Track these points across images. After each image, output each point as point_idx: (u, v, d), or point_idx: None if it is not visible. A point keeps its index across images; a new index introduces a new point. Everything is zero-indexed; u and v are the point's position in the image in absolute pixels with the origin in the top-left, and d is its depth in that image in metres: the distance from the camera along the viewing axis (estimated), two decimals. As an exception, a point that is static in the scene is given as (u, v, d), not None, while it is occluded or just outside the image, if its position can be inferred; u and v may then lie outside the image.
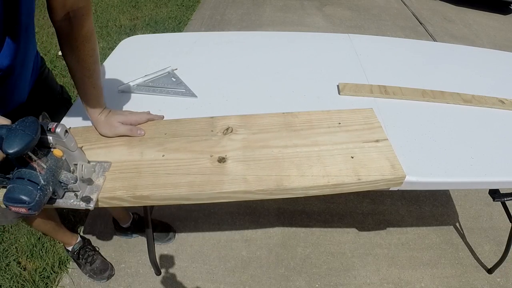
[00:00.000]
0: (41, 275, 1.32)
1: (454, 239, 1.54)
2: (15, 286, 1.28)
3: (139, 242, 1.46)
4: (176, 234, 1.50)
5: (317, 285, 1.35)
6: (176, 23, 3.32)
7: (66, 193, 0.67)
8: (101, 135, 0.83)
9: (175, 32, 3.17)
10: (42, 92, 0.91)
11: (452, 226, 1.59)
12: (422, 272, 1.41)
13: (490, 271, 1.40)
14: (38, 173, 0.59)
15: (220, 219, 1.57)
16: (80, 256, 1.33)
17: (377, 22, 3.61)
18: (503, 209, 1.29)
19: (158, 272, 1.34)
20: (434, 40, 3.27)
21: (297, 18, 3.59)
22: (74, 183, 0.65)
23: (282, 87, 1.04)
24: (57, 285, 1.31)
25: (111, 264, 1.36)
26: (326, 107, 0.92)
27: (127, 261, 1.40)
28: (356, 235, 1.54)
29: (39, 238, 1.44)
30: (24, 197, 0.57)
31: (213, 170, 0.74)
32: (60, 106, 0.98)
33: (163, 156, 0.77)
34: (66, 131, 0.62)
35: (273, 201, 1.64)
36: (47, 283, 1.30)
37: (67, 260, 1.38)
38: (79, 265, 1.35)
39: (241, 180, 0.72)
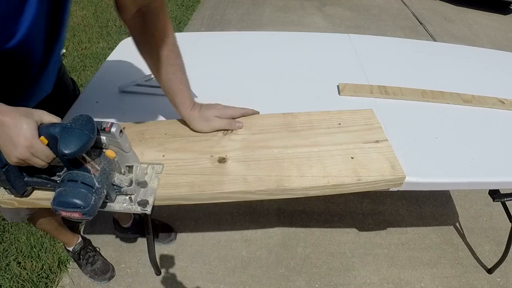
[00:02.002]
0: (41, 275, 1.32)
1: (454, 239, 1.54)
2: (15, 286, 1.28)
3: (139, 242, 1.46)
4: (176, 234, 1.50)
5: (317, 285, 1.35)
6: (176, 23, 3.32)
7: (118, 197, 0.64)
8: (194, 131, 0.82)
9: (175, 32, 3.16)
10: (59, 88, 0.89)
11: (452, 226, 1.59)
12: (422, 272, 1.41)
13: (490, 271, 1.40)
14: (92, 175, 0.56)
15: (220, 219, 1.57)
16: (81, 256, 1.33)
17: (377, 22, 3.61)
18: (503, 209, 1.29)
19: (158, 272, 1.34)
20: (434, 40, 3.27)
21: (297, 18, 3.59)
22: (128, 186, 0.61)
23: (282, 87, 1.04)
24: (57, 285, 1.31)
25: (112, 265, 1.36)
26: (326, 108, 0.92)
27: (127, 261, 1.40)
28: (356, 235, 1.54)
29: (39, 238, 1.44)
30: (78, 201, 0.53)
31: (214, 171, 0.74)
32: (72, 103, 0.97)
33: (163, 156, 0.77)
34: (121, 131, 0.58)
35: (273, 201, 1.64)
36: (47, 283, 1.30)
37: (67, 260, 1.38)
38: (79, 265, 1.35)
39: (241, 180, 0.71)
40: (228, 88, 1.03)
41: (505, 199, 1.09)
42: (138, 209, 0.63)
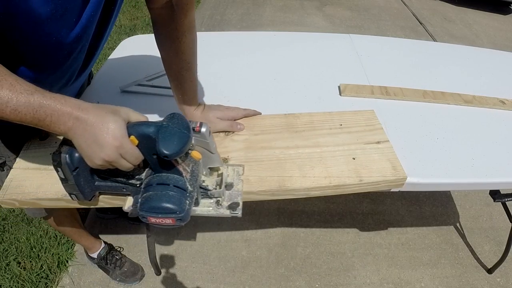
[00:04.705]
0: (40, 275, 1.32)
1: (454, 239, 1.54)
2: (15, 286, 1.28)
3: (139, 242, 1.45)
4: (176, 234, 1.49)
5: (317, 285, 1.35)
6: (176, 23, 3.31)
7: (202, 200, 0.60)
8: None
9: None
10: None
11: (452, 226, 1.59)
12: (422, 272, 1.41)
13: (490, 271, 1.41)
14: (185, 178, 0.52)
15: (220, 219, 1.57)
16: (108, 261, 1.27)
17: (377, 22, 3.60)
18: (503, 209, 1.29)
19: (158, 272, 1.34)
20: (434, 40, 3.27)
21: (297, 18, 3.58)
22: (215, 188, 0.58)
23: (283, 88, 1.04)
24: (57, 285, 1.31)
25: (139, 264, 1.33)
26: (327, 108, 0.92)
27: (128, 261, 1.39)
28: (356, 235, 1.54)
29: (39, 238, 1.43)
30: (172, 206, 0.49)
31: (215, 171, 0.74)
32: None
33: (164, 156, 0.77)
34: (210, 131, 0.55)
35: (273, 201, 1.64)
36: (47, 283, 1.30)
37: (67, 260, 1.38)
38: (106, 271, 1.30)
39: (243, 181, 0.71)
40: (228, 89, 1.03)
41: (506, 199, 1.09)
42: (227, 213, 0.59)
